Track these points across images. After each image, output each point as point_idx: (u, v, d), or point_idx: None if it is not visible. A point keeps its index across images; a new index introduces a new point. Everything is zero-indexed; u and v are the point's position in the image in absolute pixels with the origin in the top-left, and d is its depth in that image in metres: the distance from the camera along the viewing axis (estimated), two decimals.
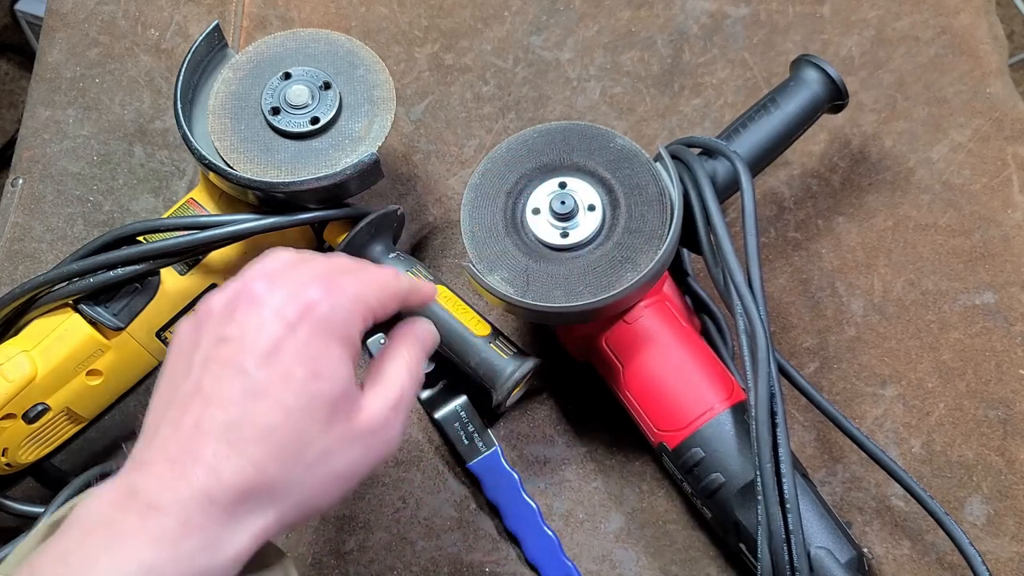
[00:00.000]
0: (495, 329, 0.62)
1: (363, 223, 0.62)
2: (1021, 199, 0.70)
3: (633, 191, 0.58)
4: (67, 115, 0.77)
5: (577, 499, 0.64)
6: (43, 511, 0.61)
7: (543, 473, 0.65)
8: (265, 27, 0.79)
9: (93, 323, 0.60)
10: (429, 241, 0.72)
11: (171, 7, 0.80)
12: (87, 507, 0.36)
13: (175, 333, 0.43)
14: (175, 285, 0.62)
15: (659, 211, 0.57)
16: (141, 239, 0.61)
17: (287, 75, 0.62)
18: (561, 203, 0.57)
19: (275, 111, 0.61)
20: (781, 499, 0.52)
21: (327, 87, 0.62)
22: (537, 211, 0.58)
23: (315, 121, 0.61)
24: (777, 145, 0.63)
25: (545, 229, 0.58)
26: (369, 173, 0.60)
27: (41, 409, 0.60)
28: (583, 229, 0.57)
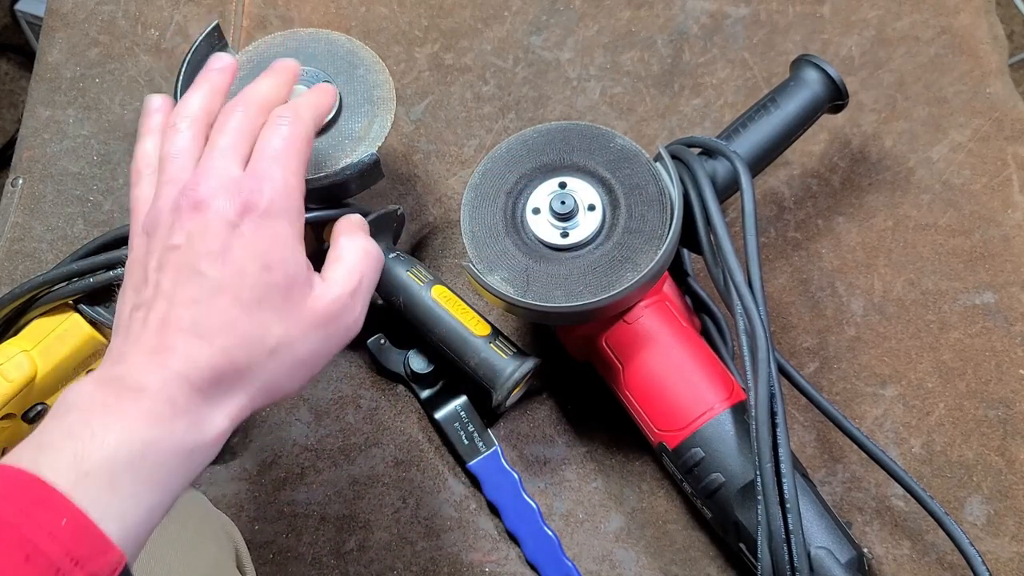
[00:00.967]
0: (495, 329, 0.62)
1: None
2: (1021, 199, 0.70)
3: (633, 191, 0.58)
4: (67, 115, 0.77)
5: (577, 499, 0.64)
6: None
7: (543, 473, 0.65)
8: (265, 27, 0.79)
9: (93, 323, 0.60)
10: (429, 241, 0.72)
11: (171, 7, 0.80)
12: (78, 392, 0.39)
13: (129, 247, 0.45)
14: None
15: (659, 211, 0.57)
16: None
17: None
18: (561, 203, 0.57)
19: None
20: (781, 499, 0.52)
21: None
22: (537, 211, 0.58)
23: None
24: (777, 145, 0.63)
25: (545, 229, 0.58)
26: (369, 173, 0.60)
27: (41, 409, 0.60)
28: (583, 229, 0.57)
